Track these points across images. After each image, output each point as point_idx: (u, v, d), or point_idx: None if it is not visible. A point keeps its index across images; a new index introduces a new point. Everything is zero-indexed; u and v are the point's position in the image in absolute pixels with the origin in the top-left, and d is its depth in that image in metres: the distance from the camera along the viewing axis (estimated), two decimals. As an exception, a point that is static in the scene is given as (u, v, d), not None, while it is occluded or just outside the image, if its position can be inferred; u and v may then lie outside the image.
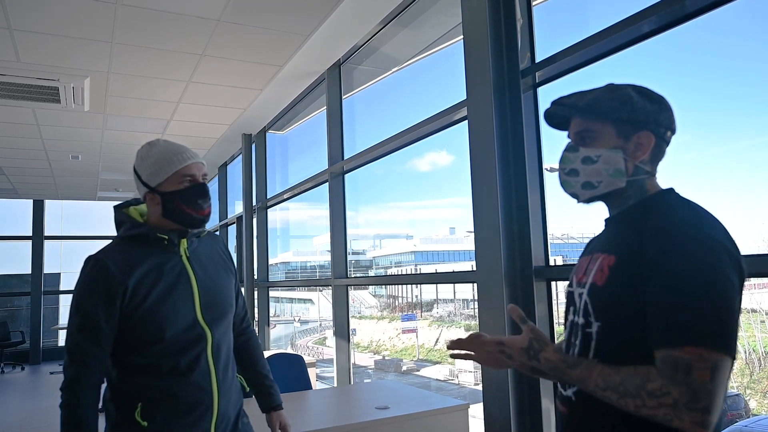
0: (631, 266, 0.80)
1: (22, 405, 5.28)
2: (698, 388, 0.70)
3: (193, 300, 1.20)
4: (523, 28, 2.08)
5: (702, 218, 0.80)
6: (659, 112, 0.89)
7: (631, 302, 0.79)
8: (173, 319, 1.16)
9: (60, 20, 2.77)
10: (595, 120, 0.89)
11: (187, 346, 1.17)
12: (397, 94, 3.94)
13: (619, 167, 0.88)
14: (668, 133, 0.90)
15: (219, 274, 1.28)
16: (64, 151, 5.38)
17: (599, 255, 0.88)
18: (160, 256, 1.19)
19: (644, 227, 0.82)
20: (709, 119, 3.46)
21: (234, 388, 1.28)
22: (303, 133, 5.18)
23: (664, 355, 0.73)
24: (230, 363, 1.28)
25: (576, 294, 0.91)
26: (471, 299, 12.74)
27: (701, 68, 3.16)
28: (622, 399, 0.74)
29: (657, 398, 0.71)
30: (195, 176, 1.20)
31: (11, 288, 10.00)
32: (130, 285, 1.14)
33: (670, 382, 0.71)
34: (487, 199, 2.07)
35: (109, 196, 8.07)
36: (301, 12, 2.77)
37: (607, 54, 1.86)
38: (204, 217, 1.22)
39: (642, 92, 0.90)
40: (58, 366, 7.70)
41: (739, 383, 5.00)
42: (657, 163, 0.91)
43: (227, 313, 1.27)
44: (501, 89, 2.05)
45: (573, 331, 0.90)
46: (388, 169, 3.74)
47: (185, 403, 1.16)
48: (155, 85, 3.72)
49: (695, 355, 0.71)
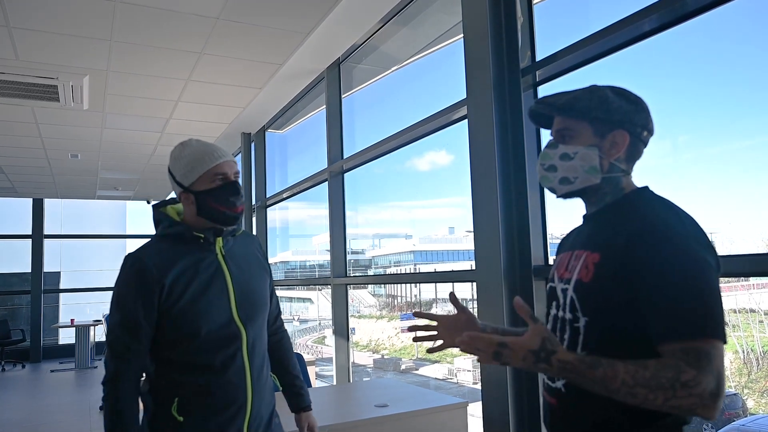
0: (617, 264, 0.83)
1: (22, 403, 5.29)
2: (719, 375, 0.74)
3: (229, 298, 1.21)
4: (523, 26, 2.08)
5: (681, 216, 0.84)
6: (635, 112, 0.92)
7: (618, 298, 0.83)
8: (208, 316, 1.18)
9: (59, 18, 2.76)
10: (574, 118, 0.94)
11: (222, 344, 1.19)
12: (397, 93, 3.93)
13: (593, 164, 0.92)
14: (644, 133, 0.93)
15: (254, 272, 1.29)
16: (64, 150, 5.37)
17: (581, 252, 0.91)
18: (196, 254, 1.21)
19: (627, 225, 0.85)
20: (708, 119, 3.45)
21: (267, 387, 1.29)
22: (302, 132, 5.17)
23: (686, 346, 0.75)
24: (265, 362, 1.29)
25: (559, 289, 0.94)
26: (470, 299, 12.77)
27: (701, 67, 3.15)
28: (652, 393, 0.74)
29: (690, 388, 0.73)
30: (227, 174, 1.21)
31: (11, 286, 10.00)
32: (167, 282, 1.16)
33: (700, 371, 0.73)
34: (486, 199, 2.06)
35: (108, 195, 8.06)
36: (300, 10, 2.76)
37: (607, 53, 1.85)
38: (237, 214, 1.23)
39: (619, 93, 0.93)
40: (58, 364, 7.71)
41: (737, 382, 5.00)
42: (633, 162, 0.94)
43: (262, 312, 1.28)
44: (501, 88, 2.05)
45: (558, 326, 0.93)
46: (388, 168, 3.74)
47: (220, 400, 1.18)
48: (154, 84, 3.71)
49: (711, 344, 0.75)
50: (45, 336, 8.53)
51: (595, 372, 0.78)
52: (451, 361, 13.00)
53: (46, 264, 8.82)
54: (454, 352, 13.52)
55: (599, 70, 1.94)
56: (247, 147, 5.62)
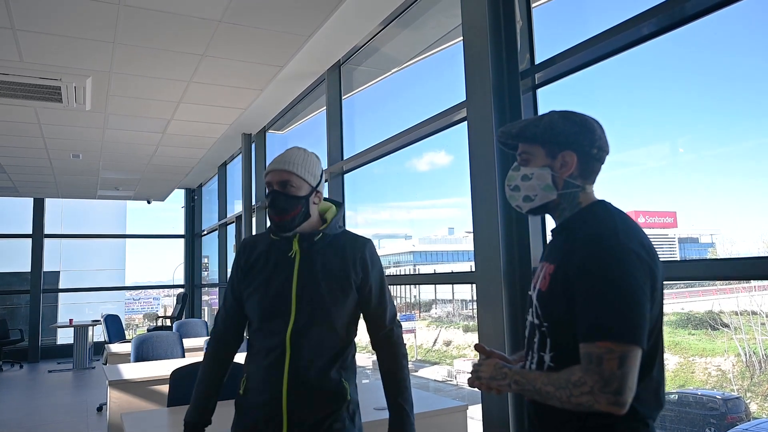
0: (564, 273, 0.95)
1: (20, 404, 5.27)
2: (608, 376, 0.84)
3: (289, 298, 1.29)
4: (522, 29, 2.09)
5: (619, 229, 0.93)
6: (579, 133, 1.03)
7: (565, 305, 0.94)
8: (265, 307, 1.29)
9: (63, 21, 2.77)
10: (529, 143, 1.06)
11: (270, 337, 1.28)
12: (397, 95, 3.95)
13: (548, 182, 1.04)
14: (593, 150, 1.03)
15: (326, 280, 1.29)
16: (65, 150, 5.38)
17: (544, 263, 1.03)
18: (276, 250, 1.34)
19: (574, 237, 0.97)
20: (708, 121, 3.46)
21: (322, 393, 1.27)
22: (302, 133, 5.19)
23: (584, 351, 0.88)
24: (316, 366, 1.27)
25: (532, 297, 1.05)
26: (470, 300, 12.73)
27: (699, 70, 3.16)
28: (558, 391, 0.89)
29: (579, 387, 0.86)
30: (271, 184, 1.32)
31: (10, 286, 9.99)
32: (248, 266, 1.34)
33: (585, 372, 0.86)
34: (486, 200, 2.08)
35: (109, 195, 8.07)
36: (302, 13, 2.78)
37: (606, 56, 1.87)
38: (277, 222, 1.30)
39: (566, 117, 1.05)
40: (56, 364, 7.69)
41: (740, 386, 4.99)
42: (589, 177, 1.05)
43: (318, 318, 1.28)
44: (501, 90, 2.06)
45: (532, 330, 1.04)
46: (387, 169, 3.73)
47: (262, 389, 1.28)
48: (156, 85, 3.73)
49: (604, 348, 0.86)
50: (43, 336, 8.52)
51: (530, 374, 0.97)
52: (451, 363, 12.99)
53: (46, 263, 8.82)
54: (453, 354, 13.44)
55: (597, 74, 1.95)
56: (247, 147, 5.63)
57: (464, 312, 13.17)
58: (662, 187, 2.99)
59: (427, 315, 13.02)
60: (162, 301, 14.54)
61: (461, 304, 13.62)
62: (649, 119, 3.45)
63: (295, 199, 1.29)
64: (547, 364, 0.97)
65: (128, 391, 2.85)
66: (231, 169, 7.12)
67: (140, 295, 15.70)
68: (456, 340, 13.80)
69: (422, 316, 13.09)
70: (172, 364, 3.00)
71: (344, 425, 1.30)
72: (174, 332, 3.98)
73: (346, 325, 1.32)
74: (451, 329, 13.63)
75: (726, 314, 5.02)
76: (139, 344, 3.74)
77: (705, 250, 4.23)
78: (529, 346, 1.04)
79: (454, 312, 13.50)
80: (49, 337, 8.84)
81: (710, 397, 4.50)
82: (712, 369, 5.14)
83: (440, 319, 13.21)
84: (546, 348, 0.98)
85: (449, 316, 13.29)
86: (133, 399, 2.84)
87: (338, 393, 1.30)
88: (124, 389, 2.84)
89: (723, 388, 4.95)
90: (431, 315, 13.12)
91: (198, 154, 5.75)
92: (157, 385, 2.88)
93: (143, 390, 2.88)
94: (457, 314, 13.35)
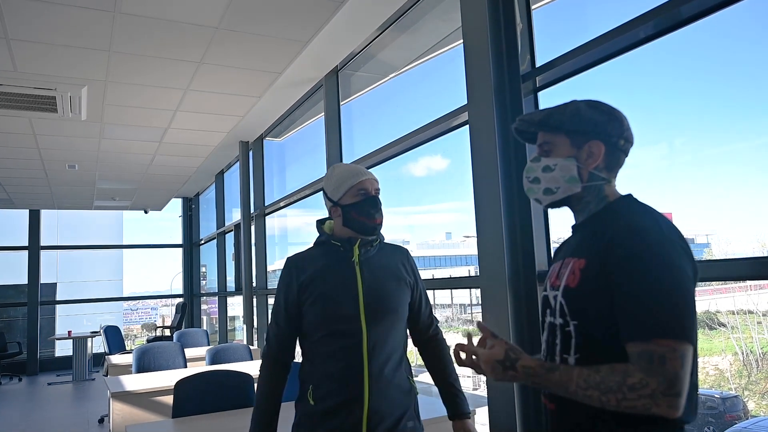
0: (600, 268, 0.88)
1: (19, 417, 5.21)
2: (672, 377, 0.78)
3: (357, 298, 1.34)
4: (522, 32, 2.09)
5: (659, 221, 0.89)
6: (607, 122, 0.97)
7: (602, 301, 0.87)
8: (335, 313, 1.34)
9: (57, 29, 2.75)
10: (552, 132, 1.00)
11: (344, 339, 1.32)
12: (396, 100, 3.95)
13: (572, 174, 0.98)
14: (621, 141, 0.98)
15: (388, 280, 1.40)
16: (61, 161, 5.34)
17: (570, 259, 0.96)
18: (335, 259, 1.39)
19: (609, 231, 0.90)
20: (705, 121, 3.48)
21: (396, 389, 1.35)
22: (300, 140, 5.17)
23: (640, 349, 0.81)
24: (391, 363, 1.35)
25: (551, 297, 0.98)
26: (468, 304, 12.71)
27: (699, 70, 3.18)
28: (604, 396, 0.81)
29: (637, 390, 0.79)
30: (368, 190, 1.39)
31: (8, 299, 9.90)
32: (306, 280, 1.37)
33: (647, 374, 0.79)
34: (489, 204, 2.07)
35: (105, 205, 8.02)
36: (299, 19, 2.77)
37: (607, 58, 1.87)
38: (376, 225, 1.39)
39: (593, 105, 0.99)
40: (55, 377, 7.61)
41: (738, 384, 5.00)
42: (613, 170, 1.00)
43: (390, 316, 1.38)
44: (502, 93, 2.06)
45: (552, 332, 0.97)
46: (384, 174, 3.72)
47: (340, 389, 1.31)
48: (153, 94, 3.71)
49: (667, 347, 0.79)
50: (42, 348, 8.43)
51: (552, 375, 0.87)
52: (452, 367, 12.91)
53: (43, 275, 8.74)
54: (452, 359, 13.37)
55: (599, 76, 1.95)
56: (245, 155, 5.61)
57: (463, 316, 13.16)
58: (658, 188, 2.99)
59: (427, 319, 12.95)
60: (159, 311, 14.44)
61: (460, 309, 13.60)
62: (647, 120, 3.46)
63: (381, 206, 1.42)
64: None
65: (131, 402, 2.81)
66: (228, 178, 7.09)
67: (137, 305, 15.59)
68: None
69: (422, 320, 13.02)
70: (174, 374, 2.97)
71: (415, 424, 1.40)
72: (175, 342, 3.94)
73: (405, 322, 1.43)
74: (451, 333, 13.61)
75: (723, 314, 5.04)
76: (140, 355, 3.70)
77: (701, 250, 4.25)
78: (549, 350, 0.98)
79: (453, 317, 13.48)
80: (47, 349, 8.76)
81: (709, 396, 4.50)
82: (710, 368, 5.15)
83: (439, 323, 13.17)
84: (570, 350, 0.92)
85: (448, 320, 13.27)
86: (136, 411, 2.80)
87: (409, 390, 1.40)
88: (127, 401, 2.81)
89: (721, 387, 4.96)
90: (431, 319, 13.06)
91: (195, 162, 5.73)
92: (161, 396, 2.85)
93: (146, 401, 2.84)
94: (456, 318, 13.33)
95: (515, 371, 0.90)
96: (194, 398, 2.19)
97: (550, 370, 0.88)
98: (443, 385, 1.49)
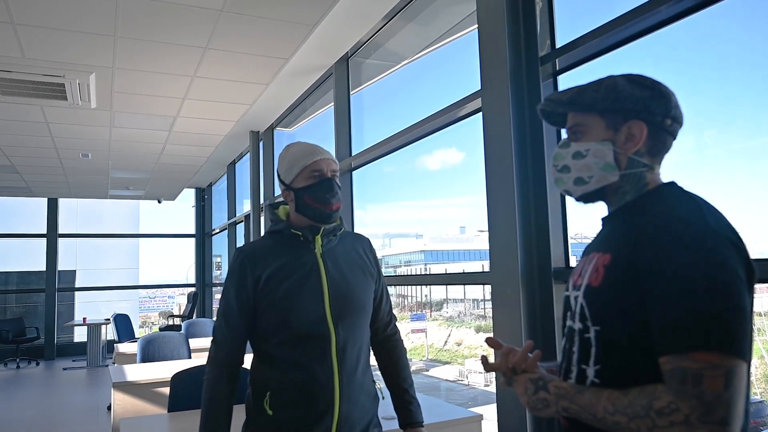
0: (628, 264, 0.74)
1: (34, 401, 5.33)
2: (711, 400, 0.63)
3: (323, 296, 1.21)
4: (542, 11, 1.94)
5: (705, 211, 0.73)
6: (650, 98, 0.82)
7: (629, 303, 0.73)
8: (299, 312, 1.19)
9: (62, 13, 2.71)
10: (584, 113, 0.86)
11: (310, 341, 1.19)
12: (407, 89, 3.82)
13: (608, 160, 0.83)
14: (667, 121, 0.82)
15: (354, 273, 1.27)
16: (75, 149, 5.37)
17: (594, 254, 0.83)
18: (295, 251, 1.24)
19: (641, 222, 0.76)
20: (736, 112, 3.26)
21: (364, 394, 1.25)
22: (311, 131, 5.10)
23: (672, 366, 0.67)
24: (360, 366, 1.24)
25: (572, 297, 0.85)
26: (481, 299, 12.53)
27: (730, 55, 2.96)
28: (633, 422, 0.68)
29: (667, 417, 0.65)
30: (323, 171, 1.23)
31: (29, 284, 10.14)
32: (263, 276, 1.21)
33: (677, 396, 0.65)
34: (502, 196, 1.94)
35: (120, 194, 8.09)
36: (304, 1, 2.67)
37: (631, 39, 1.72)
38: (331, 212, 1.24)
39: (633, 80, 0.84)
40: (71, 362, 7.77)
41: (763, 389, 4.78)
42: (658, 154, 0.84)
43: (358, 313, 1.25)
44: (518, 78, 1.92)
45: (570, 338, 0.84)
46: (397, 167, 3.62)
47: (306, 398, 1.18)
48: (160, 81, 3.66)
49: (704, 362, 0.65)
50: (59, 333, 8.63)
51: (582, 397, 0.76)
52: (462, 363, 12.82)
53: (63, 262, 8.91)
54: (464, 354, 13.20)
55: (624, 58, 1.80)
56: (255, 146, 5.56)
57: (476, 311, 12.98)
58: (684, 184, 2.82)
59: (438, 314, 12.86)
60: (176, 299, 14.67)
61: (473, 304, 13.43)
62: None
63: (339, 190, 1.26)
64: (590, 379, 0.78)
65: (132, 393, 2.79)
66: (240, 168, 7.07)
67: (155, 293, 15.86)
68: (467, 340, 13.60)
69: (433, 315, 12.94)
70: (177, 365, 2.94)
71: (380, 429, 1.31)
72: (181, 333, 3.92)
73: (370, 318, 1.30)
74: (463, 329, 13.44)
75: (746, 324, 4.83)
76: (145, 345, 3.69)
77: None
78: (567, 357, 0.84)
79: (465, 311, 13.31)
80: (66, 334, 8.96)
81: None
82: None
83: (451, 318, 13.03)
84: (589, 360, 0.79)
85: (460, 315, 13.11)
86: (136, 401, 2.78)
87: (375, 394, 1.29)
88: (128, 391, 2.79)
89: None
90: (442, 314, 12.96)
91: (206, 152, 5.70)
92: (161, 387, 2.82)
93: (147, 392, 2.81)
94: (468, 314, 13.16)
95: (547, 392, 0.80)
96: (190, 392, 2.13)
97: (580, 392, 0.76)
98: (397, 390, 1.35)
